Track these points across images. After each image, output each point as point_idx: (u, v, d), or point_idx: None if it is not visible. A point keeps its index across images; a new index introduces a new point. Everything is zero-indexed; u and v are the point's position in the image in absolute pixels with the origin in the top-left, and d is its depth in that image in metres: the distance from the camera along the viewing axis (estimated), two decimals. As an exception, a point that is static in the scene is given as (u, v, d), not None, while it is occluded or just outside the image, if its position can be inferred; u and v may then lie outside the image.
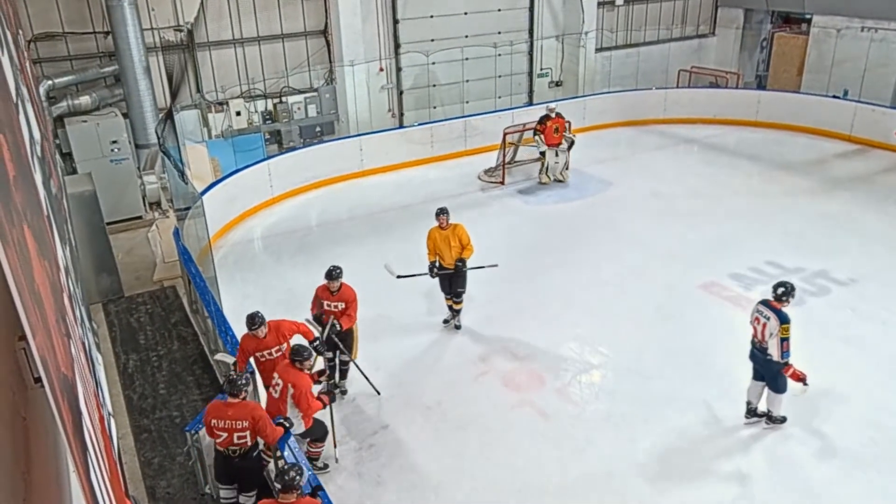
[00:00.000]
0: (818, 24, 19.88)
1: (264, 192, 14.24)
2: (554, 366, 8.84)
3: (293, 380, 6.43)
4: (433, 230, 9.28)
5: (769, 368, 7.31)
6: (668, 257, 11.55)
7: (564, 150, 14.60)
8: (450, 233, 9.15)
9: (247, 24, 16.31)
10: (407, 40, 17.97)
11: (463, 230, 9.19)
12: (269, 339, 7.00)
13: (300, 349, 6.60)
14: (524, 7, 19.47)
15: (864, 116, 16.84)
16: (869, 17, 18.56)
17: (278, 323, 7.21)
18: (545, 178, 14.78)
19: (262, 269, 11.72)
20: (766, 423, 7.61)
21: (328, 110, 17.46)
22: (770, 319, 7.12)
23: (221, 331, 8.17)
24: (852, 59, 18.99)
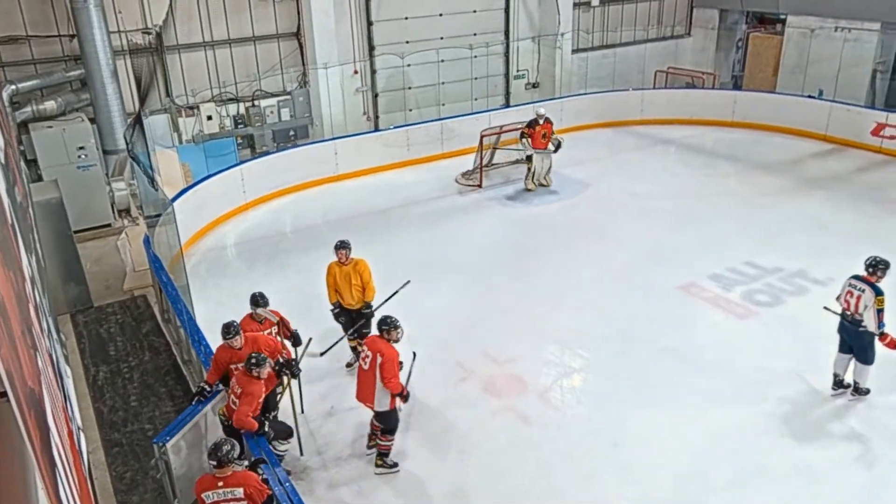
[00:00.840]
0: (792, 25, 20.21)
1: (237, 198, 14.14)
2: (535, 370, 8.87)
3: (381, 349, 6.84)
4: (332, 266, 8.46)
5: (860, 340, 7.81)
6: (647, 259, 11.64)
7: (550, 154, 14.64)
8: (350, 269, 8.36)
9: (217, 26, 16.19)
10: (381, 42, 17.96)
11: (365, 266, 8.39)
12: (245, 351, 6.88)
13: (388, 319, 6.96)
14: (500, 8, 19.57)
15: (839, 116, 17.14)
16: (842, 17, 18.90)
17: (255, 336, 7.07)
18: (531, 185, 14.71)
19: (236, 277, 11.62)
20: (852, 395, 8.08)
21: (302, 114, 17.40)
22: (865, 292, 7.64)
23: (195, 340, 8.09)
24: (827, 59, 19.32)
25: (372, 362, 6.86)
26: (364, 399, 7.08)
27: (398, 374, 6.88)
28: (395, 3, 17.85)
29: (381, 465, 7.32)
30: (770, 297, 10.35)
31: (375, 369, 6.83)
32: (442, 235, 12.94)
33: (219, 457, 5.42)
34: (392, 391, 6.88)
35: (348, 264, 8.38)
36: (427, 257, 11.97)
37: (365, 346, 7.03)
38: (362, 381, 7.01)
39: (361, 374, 7.02)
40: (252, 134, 16.92)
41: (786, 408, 8.03)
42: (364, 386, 6.99)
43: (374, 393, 6.93)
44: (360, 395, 7.10)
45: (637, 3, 22.17)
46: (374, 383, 6.87)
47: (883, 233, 12.38)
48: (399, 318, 7.09)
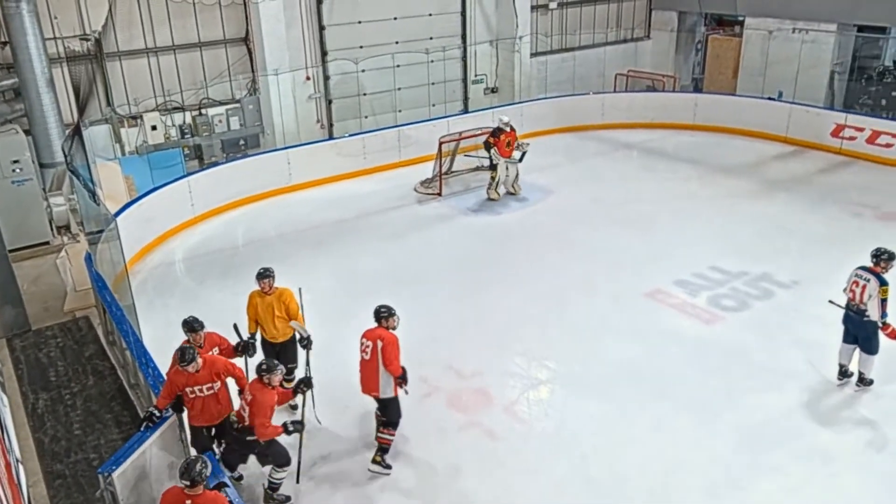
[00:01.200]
0: (750, 26, 20.76)
1: (185, 212, 13.94)
2: (500, 383, 8.89)
3: (381, 335, 7.15)
4: (254, 296, 8.05)
5: (864, 330, 8.19)
6: (612, 266, 11.79)
7: (516, 162, 14.72)
8: (274, 299, 7.94)
9: (160, 31, 15.98)
10: (334, 47, 17.92)
11: (291, 297, 8.00)
12: (202, 375, 6.72)
13: (384, 307, 7.30)
14: (456, 11, 19.70)
15: (799, 117, 17.64)
16: (799, 18, 19.49)
17: (213, 359, 6.91)
18: (495, 194, 14.75)
19: (186, 294, 11.44)
20: (857, 386, 8.43)
21: (252, 122, 17.25)
22: (870, 282, 8.04)
23: (142, 363, 7.94)
24: (785, 61, 19.89)
25: (373, 350, 7.19)
26: (370, 389, 7.37)
27: (399, 358, 7.19)
28: (348, 7, 17.84)
29: (377, 462, 7.46)
30: (736, 302, 10.56)
31: (377, 357, 7.16)
32: (401, 246, 12.92)
33: (192, 476, 5.36)
34: (393, 374, 7.18)
35: (272, 294, 7.98)
36: (386, 269, 11.94)
37: (364, 338, 7.31)
38: (366, 372, 7.32)
39: (364, 366, 7.32)
40: (200, 144, 16.72)
41: (757, 416, 8.18)
42: (368, 376, 7.30)
43: (378, 381, 7.24)
44: (366, 386, 7.40)
45: (595, 5, 22.54)
46: (377, 371, 7.20)
47: (846, 234, 12.77)
48: (352, 336, 7.08)
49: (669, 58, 23.33)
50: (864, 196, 14.41)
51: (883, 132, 16.26)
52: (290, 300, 7.99)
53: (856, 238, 12.60)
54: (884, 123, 16.58)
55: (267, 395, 6.58)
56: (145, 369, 7.81)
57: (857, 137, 16.63)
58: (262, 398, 6.55)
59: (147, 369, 7.77)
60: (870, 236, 12.53)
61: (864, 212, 13.68)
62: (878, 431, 7.89)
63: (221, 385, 6.86)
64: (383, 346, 7.16)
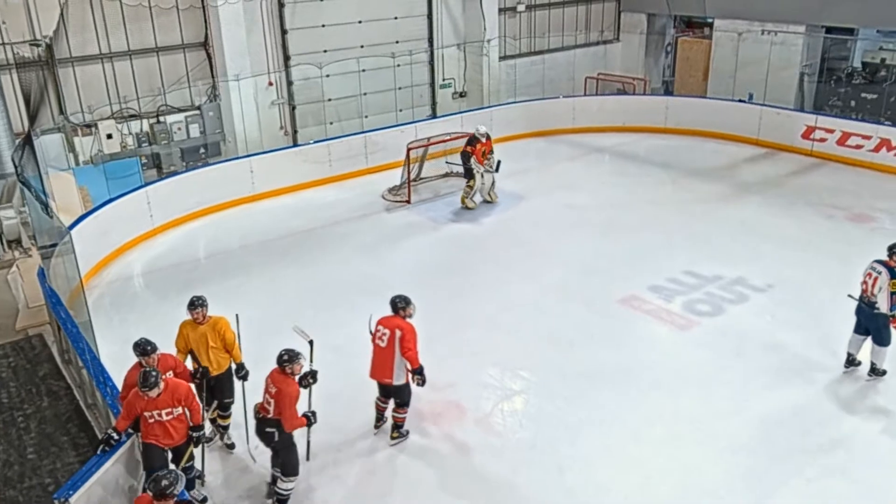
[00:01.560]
0: (720, 28, 21.16)
1: (143, 223, 13.79)
2: (474, 395, 8.89)
3: (399, 324, 7.55)
4: (185, 326, 7.71)
5: (875, 322, 8.54)
6: (586, 272, 11.89)
7: (492, 171, 14.77)
8: (208, 329, 7.62)
9: (115, 36, 15.80)
10: (297, 52, 17.87)
11: (226, 326, 7.69)
12: (162, 399, 6.56)
13: (401, 297, 7.70)
14: (422, 14, 19.77)
15: (769, 120, 18.00)
16: (768, 19, 19.91)
17: (176, 384, 6.76)
18: (472, 203, 14.77)
19: (145, 309, 11.29)
20: (869, 376, 8.81)
21: (213, 130, 17.12)
22: (882, 274, 8.40)
23: (99, 382, 7.83)
24: (755, 63, 20.28)
25: (390, 339, 7.56)
26: (381, 376, 7.75)
27: (416, 348, 7.56)
28: (311, 11, 17.82)
29: (396, 436, 8.02)
30: (711, 307, 10.71)
31: (394, 345, 7.52)
32: (369, 256, 12.90)
33: (160, 489, 5.34)
34: (411, 364, 7.57)
35: (205, 324, 7.63)
36: (354, 279, 11.90)
37: (380, 326, 7.68)
38: (379, 358, 7.69)
39: (378, 353, 7.69)
40: (158, 153, 16.55)
41: (735, 423, 8.29)
42: (381, 363, 7.69)
43: (392, 368, 7.64)
44: (377, 373, 7.78)
45: (564, 7, 22.79)
46: (392, 359, 7.58)
47: (818, 236, 13.04)
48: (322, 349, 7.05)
49: (639, 60, 23.67)
50: (835, 198, 14.73)
51: (853, 133, 16.67)
52: (225, 329, 7.68)
53: (828, 240, 12.92)
54: (853, 125, 17.00)
55: (292, 386, 6.79)
56: (103, 388, 7.69)
57: (828, 139, 17.02)
58: (287, 389, 6.75)
59: (105, 388, 7.66)
60: (842, 238, 12.88)
61: (835, 213, 13.98)
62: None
63: (183, 412, 6.71)
64: (402, 336, 7.50)
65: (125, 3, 15.73)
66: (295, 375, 6.87)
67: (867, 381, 8.81)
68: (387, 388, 7.88)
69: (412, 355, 7.55)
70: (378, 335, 7.70)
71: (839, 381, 8.93)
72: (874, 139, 16.32)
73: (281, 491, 7.07)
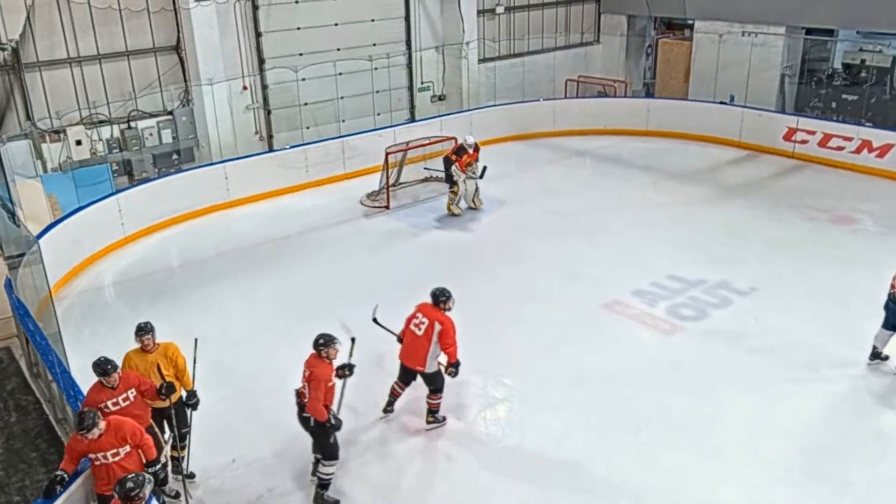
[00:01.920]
0: (700, 30, 21.37)
1: (115, 232, 13.66)
2: (457, 403, 8.88)
3: (440, 318, 7.87)
4: (132, 356, 7.36)
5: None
6: (568, 277, 11.93)
7: (475, 178, 14.76)
8: (159, 357, 7.33)
9: (84, 40, 15.65)
10: (272, 55, 17.80)
11: (176, 351, 7.45)
12: (105, 441, 6.16)
13: (443, 290, 8.04)
14: (400, 17, 19.78)
15: (751, 122, 18.20)
16: (748, 21, 20.14)
17: (120, 423, 6.29)
18: (457, 210, 14.74)
19: (117, 321, 11.16)
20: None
21: (186, 135, 17.00)
22: None
23: (70, 395, 7.74)
24: (736, 64, 20.51)
25: (428, 329, 7.89)
26: (414, 363, 8.07)
27: (456, 342, 7.92)
28: (286, 13, 17.77)
29: (431, 421, 8.36)
30: (695, 311, 10.79)
31: (432, 336, 7.86)
32: (347, 263, 12.86)
33: (123, 491, 5.33)
34: (450, 359, 7.94)
35: (154, 351, 7.34)
36: (332, 287, 11.86)
37: (419, 314, 8.03)
38: (414, 345, 8.00)
39: (413, 340, 8.00)
40: (129, 159, 16.40)
41: (720, 425, 8.34)
42: (415, 350, 7.99)
43: (426, 357, 7.97)
44: (410, 358, 8.10)
45: (543, 9, 22.91)
46: (427, 348, 7.93)
47: (801, 239, 13.18)
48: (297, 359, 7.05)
49: (620, 63, 23.82)
50: (817, 200, 14.92)
51: (834, 135, 16.88)
52: (177, 355, 7.42)
53: (811, 242, 13.07)
54: (835, 126, 17.23)
55: (324, 370, 6.98)
56: (73, 403, 7.59)
57: (809, 141, 17.23)
58: (319, 372, 6.94)
59: (76, 403, 7.54)
60: (825, 240, 13.04)
61: (818, 216, 14.15)
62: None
63: (132, 449, 6.31)
64: (442, 330, 7.84)
65: (94, 6, 15.57)
66: (330, 360, 7.08)
67: None
68: (412, 373, 8.20)
69: (452, 350, 7.92)
70: (416, 322, 8.01)
71: (824, 383, 9.03)
72: (855, 140, 16.54)
73: (322, 476, 7.26)
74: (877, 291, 10.92)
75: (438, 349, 7.99)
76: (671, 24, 23.95)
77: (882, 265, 11.88)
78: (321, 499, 7.28)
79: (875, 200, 14.84)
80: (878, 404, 8.67)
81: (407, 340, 8.11)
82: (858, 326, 10.06)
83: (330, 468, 7.22)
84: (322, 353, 7.05)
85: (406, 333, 8.13)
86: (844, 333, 9.99)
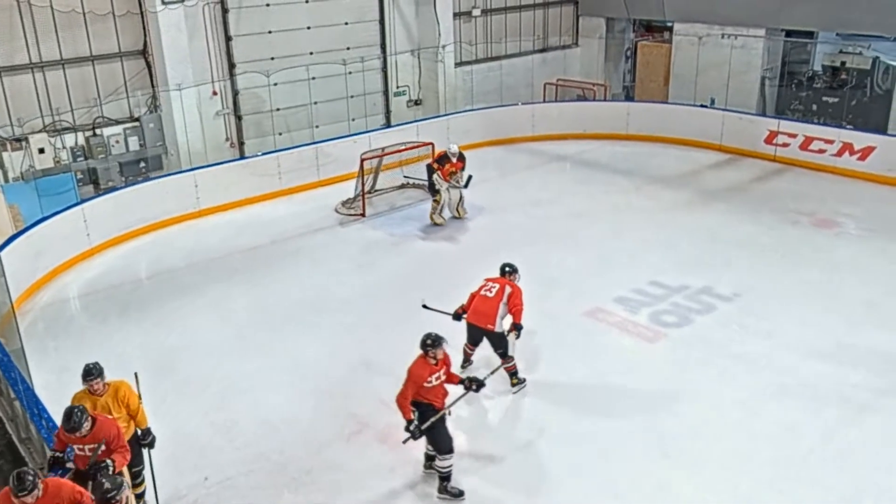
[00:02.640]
0: (679, 32, 21.60)
1: (80, 243, 13.52)
2: (435, 416, 8.86)
3: (509, 283, 8.84)
4: (81, 395, 7.05)
5: None
6: (549, 285, 11.96)
7: (459, 187, 14.75)
8: (110, 399, 7.04)
9: (47, 44, 15.49)
10: (243, 59, 17.73)
11: (128, 391, 7.13)
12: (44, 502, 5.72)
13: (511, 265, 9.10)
14: (374, 20, 19.80)
15: (732, 125, 18.41)
16: (727, 23, 20.40)
17: (58, 485, 5.90)
18: (440, 219, 14.71)
19: (83, 335, 11.05)
20: None
21: (154, 142, 16.87)
22: None
23: (33, 414, 7.63)
24: (716, 67, 20.75)
25: (499, 291, 8.83)
26: (485, 322, 8.84)
27: (524, 306, 8.83)
28: (257, 16, 17.72)
29: (516, 383, 9.20)
30: (678, 318, 10.87)
31: (502, 296, 8.78)
32: (322, 273, 12.82)
33: (101, 493, 5.49)
34: (515, 319, 8.80)
35: (105, 394, 7.03)
36: (307, 298, 11.81)
37: (489, 281, 9.03)
38: (485, 306, 8.84)
39: (483, 301, 8.87)
40: (95, 167, 16.24)
41: (706, 433, 8.40)
42: (486, 310, 8.83)
43: (496, 316, 8.79)
44: (481, 319, 8.87)
45: (521, 12, 23.04)
46: (497, 308, 8.78)
47: (784, 243, 13.33)
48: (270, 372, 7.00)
49: (599, 66, 24.01)
50: (800, 203, 15.11)
51: (815, 138, 17.12)
52: (129, 395, 7.12)
53: (794, 247, 13.22)
54: (816, 129, 17.48)
55: (421, 369, 7.32)
56: (38, 421, 7.51)
57: (791, 144, 17.46)
58: (415, 369, 7.33)
59: (40, 421, 7.47)
60: (808, 244, 13.21)
61: (800, 219, 14.33)
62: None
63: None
64: (511, 293, 8.78)
65: (57, 10, 15.43)
66: (436, 360, 7.35)
67: None
68: (482, 333, 8.96)
69: (520, 310, 8.78)
70: (486, 287, 8.94)
71: (809, 389, 9.11)
72: (836, 143, 16.78)
73: (440, 470, 7.54)
74: (861, 295, 11.10)
75: (506, 311, 8.81)
76: (650, 27, 24.17)
77: (866, 269, 12.10)
78: (445, 490, 7.56)
79: (857, 203, 15.07)
80: (863, 410, 8.76)
81: (476, 304, 8.92)
82: (843, 331, 10.22)
83: (447, 461, 7.48)
84: (429, 353, 7.36)
85: (476, 298, 8.96)
86: (829, 338, 10.12)
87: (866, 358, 9.64)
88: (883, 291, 11.34)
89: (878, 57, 18.93)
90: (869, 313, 10.74)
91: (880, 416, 8.62)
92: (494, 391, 9.28)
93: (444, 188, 14.55)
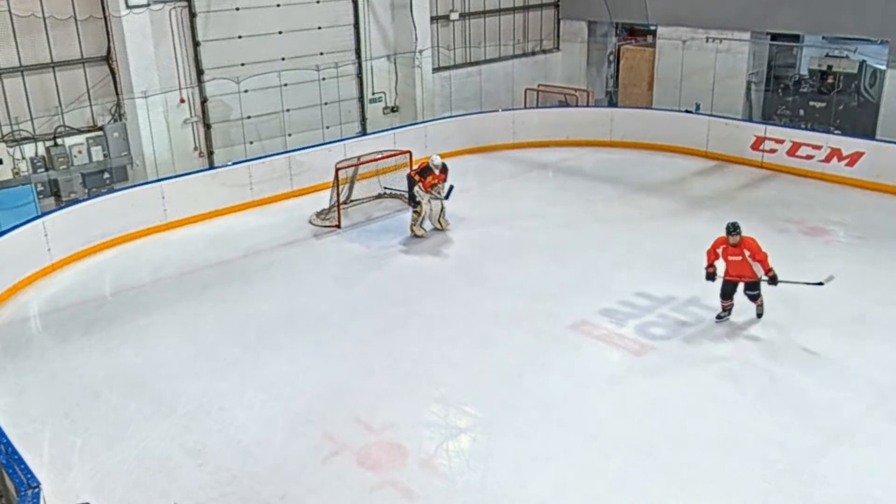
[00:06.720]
0: (663, 36, 21.83)
1: (40, 258, 13.39)
2: (416, 434, 8.84)
3: (744, 245, 10.53)
4: None
5: None
6: (533, 298, 11.99)
7: (440, 198, 14.74)
8: None
9: (5, 50, 15.38)
10: (212, 65, 17.69)
11: None
12: None
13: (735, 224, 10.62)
14: (348, 24, 19.84)
15: (718, 131, 18.60)
16: (712, 27, 20.65)
17: None
18: (421, 231, 14.70)
19: (44, 354, 10.91)
20: None
21: (118, 152, 16.78)
22: None
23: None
24: (701, 71, 20.99)
25: (742, 256, 10.58)
26: (746, 275, 10.71)
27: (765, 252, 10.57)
28: (226, 21, 17.69)
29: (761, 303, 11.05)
30: (665, 330, 10.93)
31: (748, 259, 10.54)
32: (296, 287, 12.77)
33: None
34: (764, 266, 10.58)
35: None
36: (280, 314, 11.75)
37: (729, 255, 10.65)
38: (738, 269, 10.68)
39: (735, 265, 10.67)
40: (56, 179, 16.12)
41: (693, 447, 8.45)
42: (741, 270, 10.67)
43: (751, 268, 10.64)
44: (739, 274, 10.73)
45: (500, 15, 23.18)
46: (749, 265, 10.60)
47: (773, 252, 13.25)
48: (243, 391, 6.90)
49: (581, 70, 24.19)
50: (788, 211, 15.28)
51: (803, 144, 17.33)
52: None
53: (783, 255, 13.20)
54: (803, 135, 17.69)
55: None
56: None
57: (778, 150, 17.66)
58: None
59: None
60: (797, 253, 13.33)
61: (789, 227, 14.49)
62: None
63: None
64: (751, 252, 10.50)
65: (15, 14, 15.33)
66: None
67: None
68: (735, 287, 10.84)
69: (763, 256, 10.51)
70: (731, 257, 10.63)
71: (799, 401, 9.19)
72: (825, 149, 16.99)
73: None
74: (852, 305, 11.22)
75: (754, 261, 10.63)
76: (633, 31, 24.41)
77: (856, 277, 12.23)
78: None
79: (846, 210, 15.26)
80: (853, 424, 8.84)
81: (730, 268, 10.73)
82: (834, 342, 10.31)
83: None
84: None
85: (728, 264, 10.72)
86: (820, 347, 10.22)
87: (855, 371, 9.74)
88: (874, 301, 11.50)
89: (865, 61, 19.25)
90: (859, 324, 10.88)
91: (868, 433, 8.70)
92: (479, 408, 9.29)
93: (425, 199, 14.55)
